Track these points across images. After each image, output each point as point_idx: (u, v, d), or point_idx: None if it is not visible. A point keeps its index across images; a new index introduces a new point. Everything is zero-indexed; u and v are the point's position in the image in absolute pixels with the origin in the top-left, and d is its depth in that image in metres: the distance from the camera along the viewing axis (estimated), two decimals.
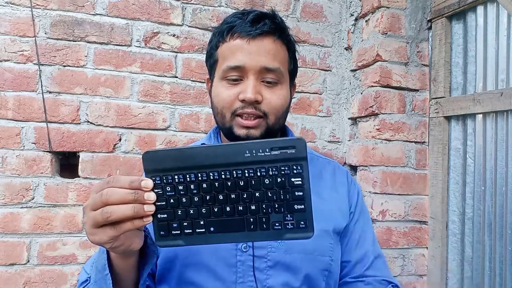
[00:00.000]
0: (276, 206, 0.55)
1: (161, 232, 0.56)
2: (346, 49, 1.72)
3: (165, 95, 1.52)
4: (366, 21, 1.62)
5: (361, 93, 1.61)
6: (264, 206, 0.56)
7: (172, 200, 0.56)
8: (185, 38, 1.55)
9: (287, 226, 0.55)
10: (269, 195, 0.56)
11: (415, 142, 1.55)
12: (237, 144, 0.57)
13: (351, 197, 0.87)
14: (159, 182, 0.55)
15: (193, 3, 1.56)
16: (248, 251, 0.74)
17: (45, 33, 1.42)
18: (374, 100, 1.52)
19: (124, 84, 1.49)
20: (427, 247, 1.54)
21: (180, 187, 0.55)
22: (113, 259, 0.64)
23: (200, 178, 0.56)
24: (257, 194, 0.56)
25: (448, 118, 1.48)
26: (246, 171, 0.55)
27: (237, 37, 0.76)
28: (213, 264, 0.74)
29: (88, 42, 1.46)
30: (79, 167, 1.44)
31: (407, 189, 1.53)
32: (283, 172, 0.55)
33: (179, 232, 0.56)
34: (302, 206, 0.55)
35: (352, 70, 1.70)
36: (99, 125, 1.46)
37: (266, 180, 0.56)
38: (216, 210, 0.56)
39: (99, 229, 0.56)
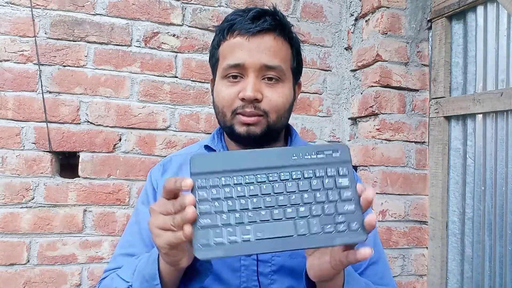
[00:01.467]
0: (326, 207, 0.53)
1: (202, 241, 0.51)
2: (346, 49, 1.72)
3: (165, 95, 1.52)
4: (366, 21, 1.62)
5: (361, 93, 1.62)
6: (313, 208, 0.53)
7: (216, 203, 0.53)
8: (185, 38, 1.55)
9: (338, 229, 0.52)
10: (318, 196, 0.54)
11: (415, 142, 1.55)
12: (284, 148, 0.58)
13: None
14: (204, 184, 0.54)
15: (193, 3, 1.56)
16: (252, 255, 0.73)
17: (45, 33, 1.42)
18: (374, 100, 1.52)
19: (124, 84, 1.49)
20: (427, 247, 1.54)
21: (227, 190, 0.53)
22: (162, 270, 0.62)
23: (247, 181, 0.54)
24: (305, 196, 0.54)
25: (448, 118, 1.48)
26: (293, 173, 0.55)
27: (237, 34, 0.75)
28: (218, 268, 0.73)
29: (88, 42, 1.46)
30: (79, 167, 1.44)
31: (407, 189, 1.53)
32: (329, 174, 0.55)
33: (222, 239, 0.51)
34: (352, 207, 0.54)
35: (352, 70, 1.70)
36: (99, 125, 1.46)
37: (313, 181, 0.55)
38: (263, 214, 0.53)
39: (163, 232, 0.54)
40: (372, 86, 1.54)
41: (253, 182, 0.54)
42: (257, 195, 0.54)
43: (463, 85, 1.44)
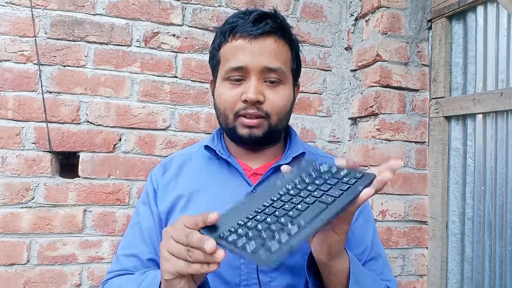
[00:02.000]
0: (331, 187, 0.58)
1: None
2: (346, 49, 1.72)
3: (165, 95, 1.52)
4: (366, 21, 1.62)
5: (361, 93, 1.61)
6: (326, 189, 0.58)
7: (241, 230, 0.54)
8: (185, 38, 1.55)
9: (356, 181, 0.57)
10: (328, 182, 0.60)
11: (415, 142, 1.55)
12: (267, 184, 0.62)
13: None
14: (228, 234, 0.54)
15: (193, 3, 1.56)
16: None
17: (45, 33, 1.42)
18: (374, 100, 1.52)
19: (124, 84, 1.49)
20: (427, 247, 1.54)
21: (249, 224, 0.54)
22: None
23: (262, 209, 0.56)
24: (315, 192, 0.58)
25: (448, 118, 1.48)
26: (307, 178, 0.62)
27: (239, 37, 0.76)
28: None
29: (88, 42, 1.46)
30: (79, 167, 1.44)
31: (407, 189, 1.53)
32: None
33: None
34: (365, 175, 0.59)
35: (352, 70, 1.70)
36: (99, 125, 1.46)
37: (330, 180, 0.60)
38: (299, 205, 0.56)
39: (174, 258, 0.55)
40: (372, 86, 1.54)
41: (267, 205, 0.57)
42: (277, 207, 0.56)
43: (463, 85, 1.44)
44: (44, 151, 1.41)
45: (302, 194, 0.58)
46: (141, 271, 0.76)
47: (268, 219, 0.54)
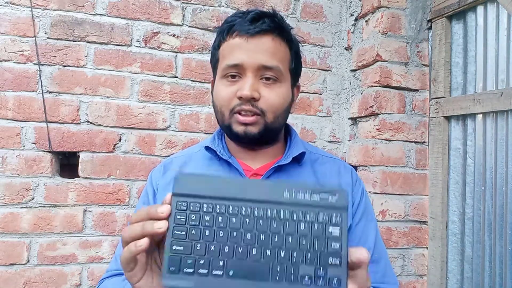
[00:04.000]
0: (309, 256, 0.50)
1: (171, 268, 0.49)
2: (346, 49, 1.72)
3: (165, 95, 1.52)
4: (366, 21, 1.62)
5: (361, 93, 1.61)
6: (295, 254, 0.50)
7: (193, 231, 0.50)
8: (185, 38, 1.55)
9: (318, 283, 0.49)
10: (303, 243, 0.50)
11: (415, 142, 1.55)
12: (277, 182, 0.55)
13: (354, 198, 0.86)
14: (185, 208, 0.51)
15: (193, 3, 1.56)
16: None
17: (45, 33, 1.42)
18: (374, 100, 1.52)
19: (124, 84, 1.49)
20: (427, 247, 1.54)
21: (207, 217, 0.50)
22: None
23: (230, 211, 0.51)
24: (289, 240, 0.50)
25: (448, 118, 1.48)
26: (281, 212, 0.51)
27: (236, 35, 0.77)
28: None
29: (88, 42, 1.46)
30: (79, 167, 1.44)
31: (407, 189, 1.53)
32: (320, 219, 0.51)
33: (192, 270, 0.49)
34: (338, 261, 0.49)
35: (352, 70, 1.70)
36: (99, 125, 1.46)
37: (301, 224, 0.51)
38: (240, 251, 0.50)
39: (126, 245, 0.53)
40: (372, 86, 1.54)
41: (236, 214, 0.51)
42: (239, 228, 0.50)
43: (463, 85, 1.44)
44: (44, 151, 1.41)
45: (278, 241, 0.50)
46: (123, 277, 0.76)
47: (228, 240, 0.50)
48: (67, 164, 1.49)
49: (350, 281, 0.51)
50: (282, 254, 0.50)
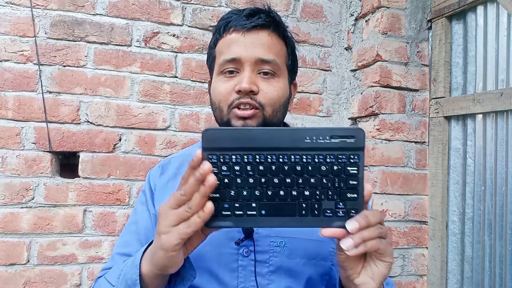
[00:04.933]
0: (330, 193, 0.55)
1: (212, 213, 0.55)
2: (346, 49, 1.72)
3: (165, 95, 1.52)
4: (366, 21, 1.62)
5: (361, 93, 1.61)
6: (317, 192, 0.55)
7: (226, 180, 0.55)
8: (185, 38, 1.55)
9: (338, 214, 0.55)
10: (324, 182, 0.55)
11: (415, 142, 1.55)
12: (297, 129, 0.57)
13: None
14: (215, 160, 0.55)
15: (193, 3, 1.56)
16: (249, 255, 0.73)
17: (45, 33, 1.42)
18: (374, 100, 1.52)
19: (124, 84, 1.49)
20: (427, 247, 1.54)
21: (236, 168, 0.55)
22: (145, 277, 0.63)
23: (257, 160, 0.55)
24: (312, 180, 0.55)
25: (448, 118, 1.48)
26: (304, 157, 0.55)
27: (232, 31, 0.77)
28: (215, 268, 0.73)
29: (88, 42, 1.46)
30: (79, 167, 1.44)
31: (407, 189, 1.53)
32: (340, 161, 0.56)
33: (229, 213, 0.55)
34: (355, 195, 0.56)
35: (352, 70, 1.70)
36: (99, 125, 1.46)
37: (322, 167, 0.55)
38: (269, 193, 0.55)
39: (174, 228, 0.55)
40: (372, 86, 1.54)
41: (262, 162, 0.55)
42: (266, 174, 0.55)
43: (463, 85, 1.44)
44: (44, 151, 1.41)
45: (302, 181, 0.56)
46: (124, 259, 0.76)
47: (258, 184, 0.55)
48: (67, 164, 1.49)
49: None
50: (306, 192, 0.55)
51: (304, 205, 0.55)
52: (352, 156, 0.56)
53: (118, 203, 1.46)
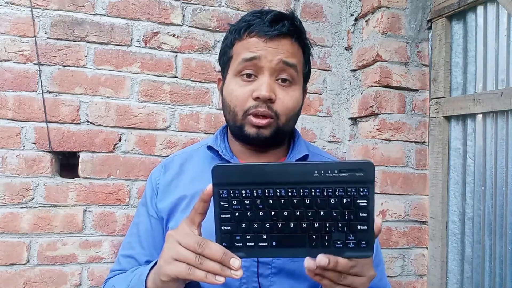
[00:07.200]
0: (339, 225, 0.56)
1: (224, 244, 0.57)
2: (346, 49, 1.72)
3: (165, 95, 1.52)
4: (366, 21, 1.62)
5: (361, 93, 1.61)
6: (327, 224, 0.56)
7: (237, 214, 0.56)
8: (185, 38, 1.55)
9: (349, 245, 0.56)
10: (334, 214, 0.56)
11: (415, 142, 1.55)
12: (306, 164, 0.58)
13: None
14: (226, 195, 0.56)
15: (193, 3, 1.56)
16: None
17: (45, 33, 1.42)
18: (374, 100, 1.52)
19: (124, 84, 1.49)
20: (427, 247, 1.54)
21: (247, 202, 0.56)
22: None
23: (267, 194, 0.56)
24: (321, 213, 0.56)
25: (448, 118, 1.48)
26: (313, 190, 0.56)
27: (254, 35, 0.75)
28: None
29: (88, 42, 1.46)
30: (79, 167, 1.44)
31: (407, 189, 1.53)
32: (349, 194, 0.56)
33: (241, 244, 0.57)
34: (365, 227, 0.56)
35: (352, 70, 1.70)
36: (99, 125, 1.46)
37: (332, 200, 0.56)
38: (279, 225, 0.57)
39: (176, 262, 0.57)
40: (372, 86, 1.54)
41: (272, 196, 0.56)
42: (276, 207, 0.56)
43: (463, 85, 1.44)
44: (44, 151, 1.41)
45: (312, 214, 0.56)
46: (133, 268, 0.77)
47: (268, 218, 0.56)
48: (67, 164, 1.49)
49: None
50: (316, 225, 0.56)
51: (314, 236, 0.56)
52: (361, 189, 0.56)
53: (118, 203, 1.46)
